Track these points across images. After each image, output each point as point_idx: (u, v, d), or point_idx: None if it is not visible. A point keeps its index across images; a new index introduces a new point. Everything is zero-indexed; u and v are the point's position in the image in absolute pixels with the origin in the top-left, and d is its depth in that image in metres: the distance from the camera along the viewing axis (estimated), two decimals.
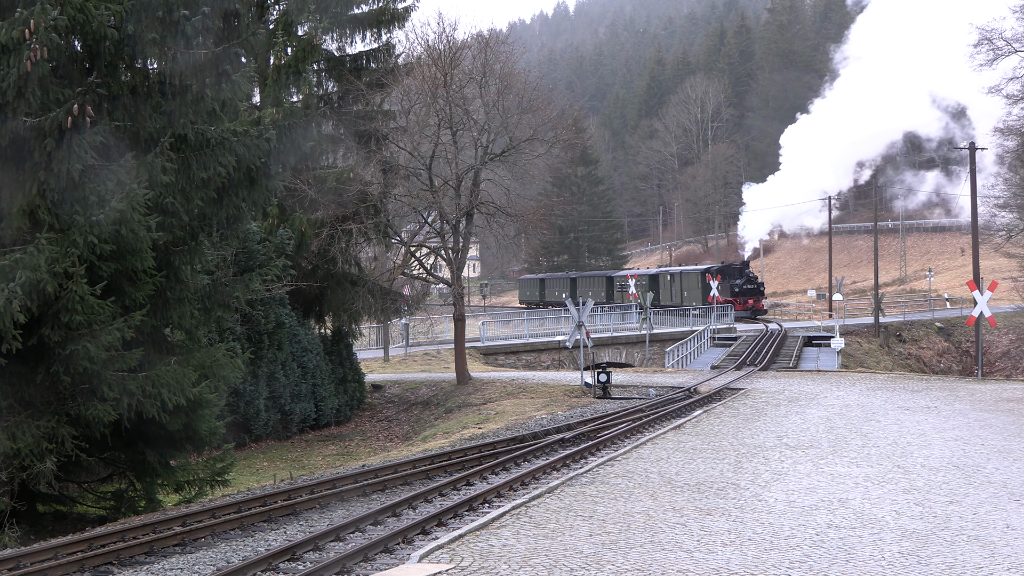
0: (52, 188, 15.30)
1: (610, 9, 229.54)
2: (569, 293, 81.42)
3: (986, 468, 15.71)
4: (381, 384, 38.04)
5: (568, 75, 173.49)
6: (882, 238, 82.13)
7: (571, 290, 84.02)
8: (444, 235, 35.65)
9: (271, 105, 30.40)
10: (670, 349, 43.90)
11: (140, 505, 18.00)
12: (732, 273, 69.78)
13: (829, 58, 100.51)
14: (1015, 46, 41.58)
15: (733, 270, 70.54)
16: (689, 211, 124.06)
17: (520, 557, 10.68)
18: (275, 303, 29.68)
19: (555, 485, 14.65)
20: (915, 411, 23.44)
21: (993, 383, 32.67)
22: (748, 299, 68.69)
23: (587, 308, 31.57)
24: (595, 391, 30.70)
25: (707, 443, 18.61)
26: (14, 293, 14.36)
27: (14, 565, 11.85)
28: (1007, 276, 52.62)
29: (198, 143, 16.72)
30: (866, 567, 10.18)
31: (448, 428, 28.01)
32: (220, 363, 18.39)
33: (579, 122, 79.88)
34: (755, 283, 70.52)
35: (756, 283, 70.74)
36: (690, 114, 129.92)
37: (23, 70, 14.64)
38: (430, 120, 34.22)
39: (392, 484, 16.95)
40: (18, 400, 15.75)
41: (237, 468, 22.66)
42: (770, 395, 27.29)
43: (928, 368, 53.22)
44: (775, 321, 64.70)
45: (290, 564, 11.75)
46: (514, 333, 53.67)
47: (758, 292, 70.09)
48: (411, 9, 35.31)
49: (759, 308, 69.37)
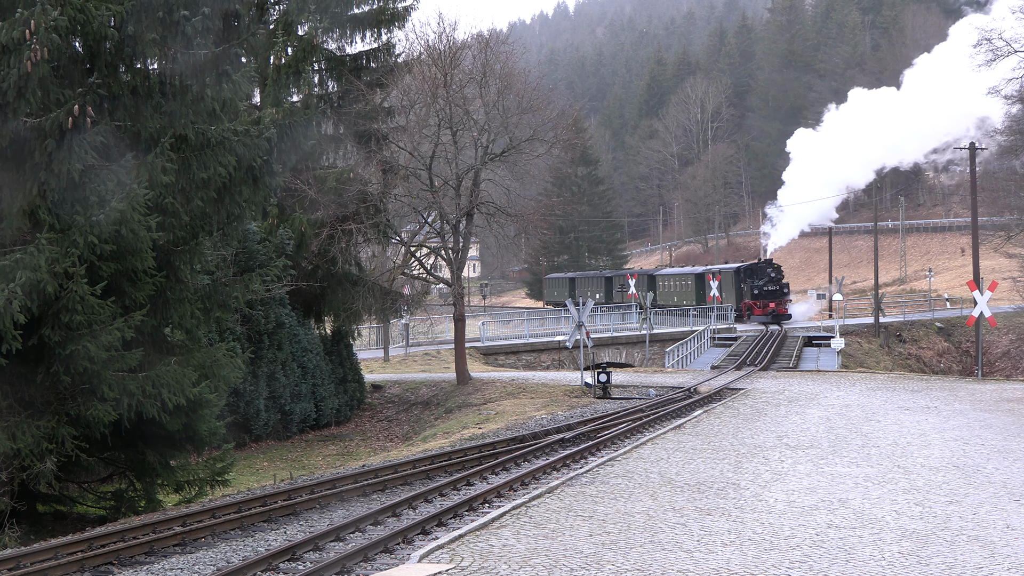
0: (52, 188, 15.31)
1: (610, 9, 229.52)
2: (604, 293, 76.65)
3: (986, 468, 15.72)
4: (381, 384, 38.04)
5: (568, 75, 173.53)
6: (882, 238, 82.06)
7: (606, 289, 78.33)
8: (444, 235, 35.65)
9: (271, 105, 30.39)
10: (670, 349, 43.90)
11: (140, 505, 18.01)
12: (757, 272, 62.36)
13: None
14: (1014, 46, 41.60)
15: (758, 268, 62.71)
16: (689, 211, 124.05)
17: (520, 557, 10.68)
18: (275, 303, 29.69)
19: (555, 485, 14.66)
20: (915, 411, 23.44)
21: (993, 383, 32.67)
22: (769, 302, 59.94)
23: (587, 308, 31.59)
24: (595, 391, 30.70)
25: (707, 443, 18.61)
26: (14, 293, 14.36)
27: (14, 565, 11.85)
28: (1007, 276, 52.58)
29: (198, 143, 16.72)
30: (866, 567, 10.19)
31: (448, 428, 28.00)
32: (220, 363, 18.39)
33: (579, 122, 79.76)
34: (778, 283, 61.19)
35: (779, 283, 61.36)
36: (690, 114, 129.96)
37: (23, 70, 14.64)
38: (430, 120, 34.22)
39: (392, 484, 16.95)
40: (18, 400, 15.75)
41: (237, 468, 22.66)
42: (770, 395, 27.29)
43: (928, 368, 53.19)
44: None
45: (290, 564, 11.75)
46: (514, 333, 53.69)
47: (780, 294, 60.93)
48: (411, 9, 35.34)
49: (782, 312, 59.84)
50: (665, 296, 73.36)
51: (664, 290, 74.68)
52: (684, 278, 73.52)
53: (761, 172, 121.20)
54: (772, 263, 63.19)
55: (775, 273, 61.62)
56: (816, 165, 70.10)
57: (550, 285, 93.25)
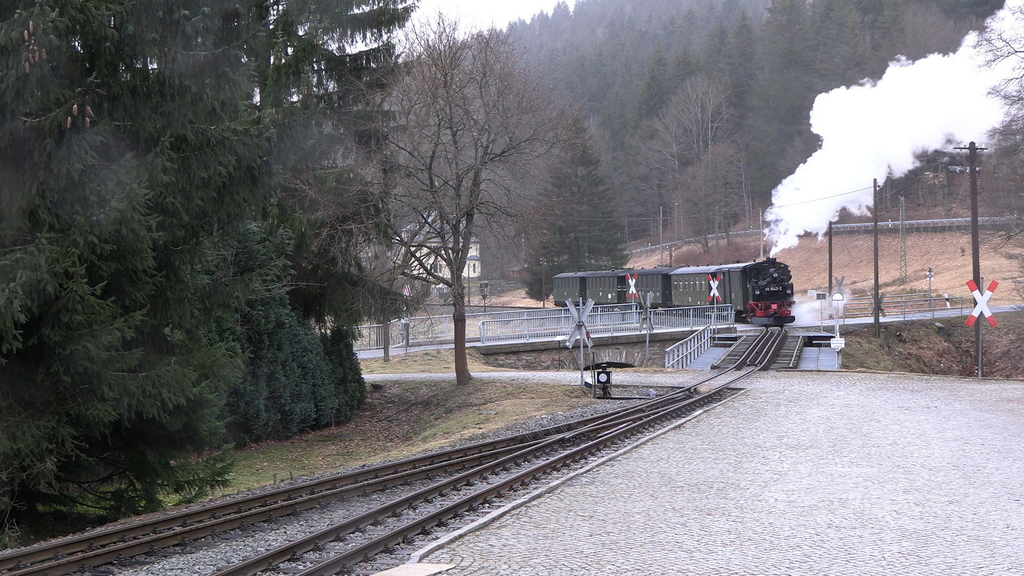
0: (52, 188, 15.30)
1: (610, 9, 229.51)
2: (616, 293, 74.43)
3: (986, 468, 15.72)
4: (381, 384, 38.04)
5: (568, 75, 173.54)
6: (882, 238, 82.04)
7: (618, 289, 75.49)
8: (444, 235, 35.65)
9: (271, 105, 30.39)
10: (670, 349, 43.89)
11: (140, 505, 18.01)
12: (760, 272, 59.42)
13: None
14: (1014, 46, 41.61)
15: (762, 268, 59.91)
16: (689, 211, 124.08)
17: (520, 557, 10.68)
18: (275, 303, 29.69)
19: (555, 485, 14.66)
20: (915, 411, 23.44)
21: (993, 383, 32.68)
22: (771, 303, 56.48)
23: (587, 308, 31.58)
24: (595, 391, 30.69)
25: (707, 443, 18.61)
26: (14, 293, 14.36)
27: (14, 565, 11.85)
28: (1007, 276, 52.60)
29: (198, 143, 16.72)
30: (866, 567, 10.18)
31: (448, 428, 28.00)
32: (220, 363, 18.39)
33: (579, 122, 79.55)
34: (781, 284, 57.65)
35: (782, 284, 57.80)
36: (690, 114, 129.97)
37: (21, 71, 14.63)
38: (430, 120, 34.22)
39: (392, 484, 16.94)
40: (18, 400, 15.75)
41: (237, 468, 22.67)
42: (770, 395, 27.29)
43: (928, 368, 53.19)
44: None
45: (290, 564, 11.74)
46: (514, 333, 53.68)
47: (783, 295, 57.31)
48: (411, 9, 35.32)
49: (784, 315, 56.47)
50: (681, 296, 71.53)
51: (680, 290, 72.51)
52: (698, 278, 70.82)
53: (761, 172, 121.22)
54: (776, 262, 60.18)
55: (778, 273, 58.29)
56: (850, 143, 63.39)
57: (559, 285, 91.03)
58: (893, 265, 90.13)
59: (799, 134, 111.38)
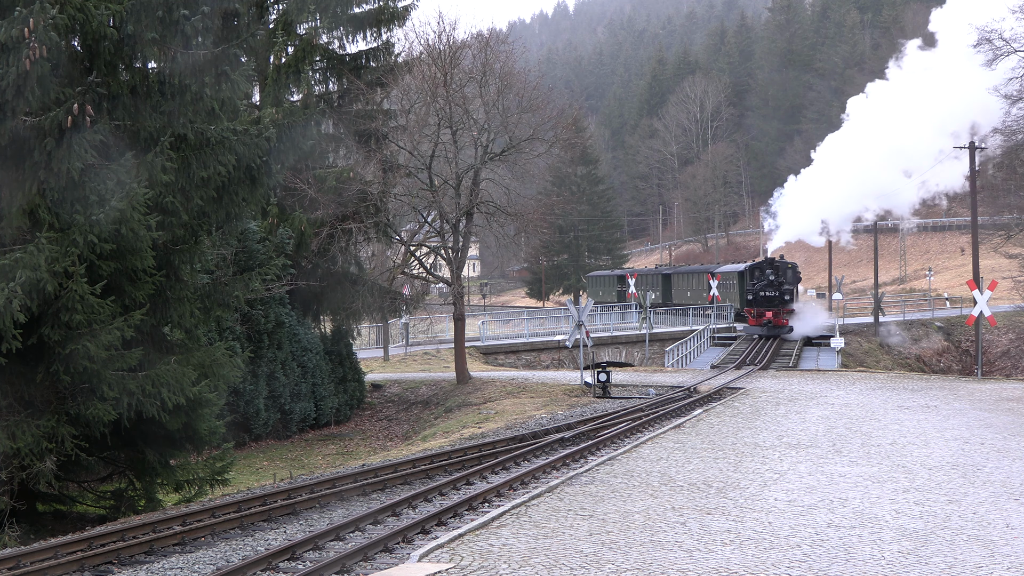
0: (52, 187, 15.30)
1: (610, 9, 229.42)
2: (661, 291, 72.46)
3: (986, 467, 15.72)
4: (381, 383, 38.03)
5: (567, 75, 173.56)
6: (882, 237, 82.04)
7: (663, 288, 73.10)
8: (444, 234, 35.64)
9: (271, 104, 30.42)
10: (670, 348, 43.86)
11: (140, 504, 18.01)
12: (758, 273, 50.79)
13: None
14: (1014, 46, 41.57)
15: (758, 268, 51.25)
16: (689, 211, 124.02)
17: (520, 556, 10.68)
18: (275, 302, 29.69)
19: (555, 484, 14.65)
20: (915, 410, 23.44)
21: (993, 383, 32.67)
22: (765, 310, 47.44)
23: (587, 308, 31.57)
24: (595, 390, 30.69)
25: (707, 442, 18.61)
26: (14, 292, 14.35)
27: (14, 565, 11.85)
28: (1007, 276, 52.58)
29: (198, 142, 16.72)
30: (866, 566, 10.18)
31: (448, 427, 28.00)
32: (220, 362, 18.39)
33: (579, 121, 79.33)
34: (778, 288, 47.97)
35: (779, 288, 48.05)
36: (690, 113, 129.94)
37: (22, 69, 14.63)
38: (430, 119, 34.21)
39: (392, 483, 16.95)
40: (18, 399, 15.75)
41: (237, 467, 22.67)
42: (770, 394, 27.29)
43: (928, 367, 53.19)
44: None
45: (290, 563, 11.75)
46: (514, 332, 53.67)
47: (780, 301, 47.77)
48: (411, 8, 35.35)
49: (780, 324, 47.20)
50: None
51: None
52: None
53: (761, 172, 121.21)
54: (774, 263, 51.03)
55: (775, 275, 48.54)
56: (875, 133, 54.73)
57: (592, 283, 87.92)
58: (893, 264, 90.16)
59: (799, 133, 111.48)
